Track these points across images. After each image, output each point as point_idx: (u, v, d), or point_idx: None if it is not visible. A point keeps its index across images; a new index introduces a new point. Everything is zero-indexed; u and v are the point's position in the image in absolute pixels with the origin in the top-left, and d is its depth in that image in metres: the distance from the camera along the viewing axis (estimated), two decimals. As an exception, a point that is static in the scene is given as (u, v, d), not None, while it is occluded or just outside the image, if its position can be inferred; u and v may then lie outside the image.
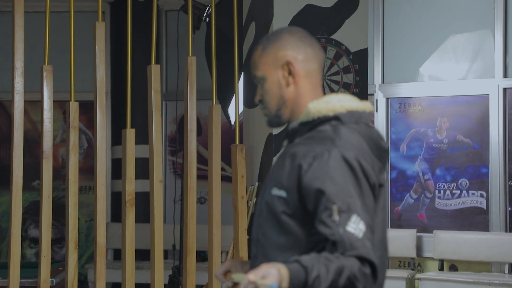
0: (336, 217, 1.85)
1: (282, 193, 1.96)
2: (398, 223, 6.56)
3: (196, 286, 4.20)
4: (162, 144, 7.06)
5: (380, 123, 6.63)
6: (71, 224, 3.83)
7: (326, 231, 1.85)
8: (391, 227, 6.55)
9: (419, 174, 6.56)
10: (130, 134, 4.01)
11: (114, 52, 6.85)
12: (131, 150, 4.00)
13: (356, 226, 1.84)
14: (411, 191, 6.57)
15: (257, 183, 4.34)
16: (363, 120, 2.05)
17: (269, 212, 1.99)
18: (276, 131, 4.30)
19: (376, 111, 6.68)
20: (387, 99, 6.68)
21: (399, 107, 6.67)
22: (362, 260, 1.83)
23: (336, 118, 2.02)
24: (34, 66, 4.53)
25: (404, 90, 6.63)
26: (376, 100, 6.65)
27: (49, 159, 3.83)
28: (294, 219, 1.94)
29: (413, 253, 6.34)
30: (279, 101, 2.07)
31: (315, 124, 2.03)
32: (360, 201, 1.88)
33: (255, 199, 4.30)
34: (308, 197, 1.91)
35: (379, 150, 2.04)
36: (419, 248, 6.41)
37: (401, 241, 6.35)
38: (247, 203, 4.30)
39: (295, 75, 2.07)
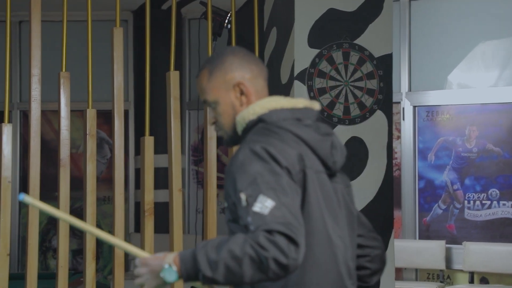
0: (244, 203, 1.90)
1: (225, 204, 2.04)
2: (426, 234, 6.41)
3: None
4: (186, 154, 7.01)
5: (407, 131, 6.50)
6: (89, 235, 3.76)
7: (241, 220, 1.90)
8: (419, 238, 6.40)
9: (447, 184, 6.40)
10: (148, 142, 3.94)
11: (138, 61, 6.81)
12: (150, 158, 3.92)
13: (261, 205, 1.87)
14: (440, 201, 6.42)
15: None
16: (297, 116, 2.09)
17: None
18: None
19: (403, 119, 6.55)
20: (414, 107, 6.54)
21: (426, 115, 6.53)
22: (270, 232, 1.83)
23: (260, 119, 2.07)
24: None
25: (432, 98, 6.50)
26: (403, 109, 6.53)
27: (66, 167, 3.77)
28: (236, 223, 1.99)
29: (442, 265, 6.18)
30: (234, 121, 2.12)
31: (245, 132, 2.09)
32: (266, 183, 1.90)
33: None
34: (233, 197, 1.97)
35: (318, 144, 2.06)
36: (448, 260, 6.25)
37: (429, 252, 6.20)
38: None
39: (247, 94, 2.12)
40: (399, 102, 6.49)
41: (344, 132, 4.08)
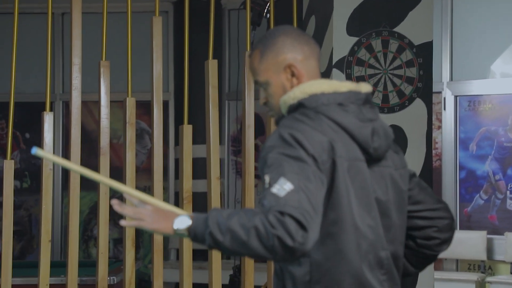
0: (266, 185, 1.90)
1: None
2: (468, 225, 6.34)
3: (255, 286, 4.12)
4: (225, 144, 7.03)
5: (448, 121, 6.43)
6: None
7: (261, 200, 1.90)
8: (459, 229, 6.34)
9: (489, 174, 6.32)
10: (187, 130, 3.96)
11: (178, 52, 6.85)
12: (188, 146, 3.95)
13: (280, 187, 1.87)
14: (481, 192, 6.34)
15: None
16: (339, 100, 2.06)
17: None
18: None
19: (444, 109, 6.47)
20: (456, 97, 6.47)
21: (468, 105, 6.45)
22: (282, 213, 1.83)
23: (300, 104, 2.06)
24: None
25: (474, 87, 6.41)
26: (444, 98, 6.46)
27: (106, 155, 3.81)
28: None
29: (483, 256, 6.11)
30: None
31: (289, 114, 2.09)
32: (290, 167, 1.89)
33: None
34: None
35: (358, 130, 2.04)
36: (489, 250, 6.17)
37: (470, 243, 6.13)
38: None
39: (299, 76, 2.11)
40: (440, 92, 6.41)
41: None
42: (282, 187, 1.87)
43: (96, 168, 3.84)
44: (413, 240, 2.22)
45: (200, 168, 5.08)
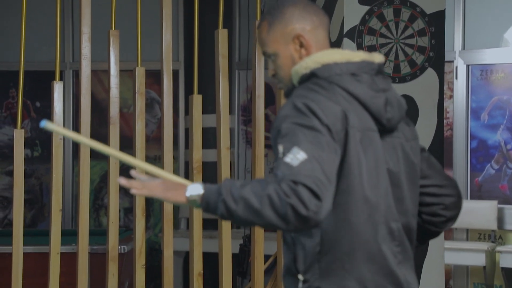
0: (280, 155, 1.90)
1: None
2: (478, 194, 6.33)
3: (265, 255, 4.13)
4: (235, 114, 7.02)
5: (459, 91, 6.39)
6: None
7: (275, 170, 1.90)
8: (470, 199, 6.33)
9: (501, 143, 6.29)
10: (197, 100, 3.95)
11: (188, 21, 6.81)
12: (198, 115, 3.94)
13: (293, 157, 1.86)
14: (492, 162, 6.31)
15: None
16: (352, 70, 2.04)
17: None
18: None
19: (456, 78, 6.43)
20: (468, 66, 6.41)
21: (480, 74, 6.40)
22: (295, 182, 1.82)
23: (313, 74, 2.04)
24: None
25: (487, 56, 6.35)
26: (456, 67, 6.40)
27: (116, 125, 3.81)
28: None
29: (494, 226, 6.11)
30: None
31: (300, 85, 2.07)
32: (304, 137, 1.88)
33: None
34: None
35: (371, 100, 2.03)
36: (500, 220, 6.16)
37: (481, 213, 6.12)
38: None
39: (307, 47, 2.09)
40: (452, 61, 6.36)
41: (394, 90, 4.03)
42: (296, 157, 1.86)
43: (106, 138, 3.84)
44: (419, 215, 2.20)
45: (210, 138, 5.07)
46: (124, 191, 6.31)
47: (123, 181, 1.96)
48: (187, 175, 6.83)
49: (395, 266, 2.03)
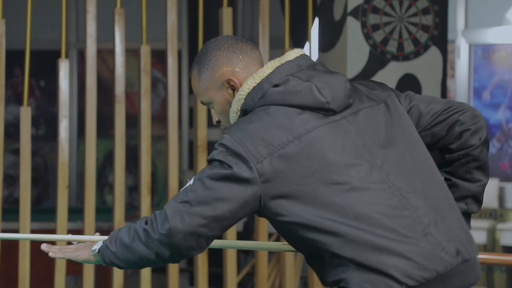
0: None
1: None
2: (480, 173, 6.36)
3: (269, 234, 4.18)
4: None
5: (461, 70, 6.40)
6: (144, 169, 3.85)
7: None
8: (472, 177, 6.36)
9: (502, 122, 6.32)
10: (201, 78, 3.97)
11: (192, 0, 6.81)
12: (203, 94, 3.96)
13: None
14: (494, 140, 6.35)
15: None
16: (271, 81, 1.97)
17: None
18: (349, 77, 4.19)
19: (458, 58, 6.44)
20: (470, 45, 6.43)
21: (482, 53, 6.41)
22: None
23: (244, 112, 2.01)
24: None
25: (489, 35, 6.36)
26: (458, 47, 6.42)
27: (122, 103, 3.84)
28: None
29: (495, 204, 6.15)
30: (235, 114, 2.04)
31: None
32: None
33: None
34: None
35: (296, 98, 1.95)
36: (501, 198, 6.20)
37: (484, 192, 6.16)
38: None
39: (239, 88, 2.02)
40: (453, 41, 6.37)
41: (397, 68, 4.05)
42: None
43: (110, 117, 3.86)
44: (450, 152, 2.08)
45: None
46: (129, 170, 6.36)
47: (44, 247, 2.16)
48: (191, 154, 6.88)
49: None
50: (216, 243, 2.10)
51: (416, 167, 2.00)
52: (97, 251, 2.04)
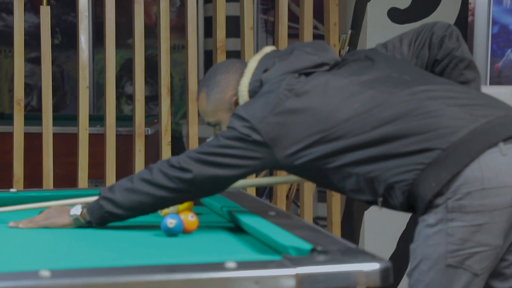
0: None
1: None
2: (498, 80, 6.33)
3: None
4: (254, 2, 6.96)
5: (482, -23, 6.28)
6: (164, 70, 3.84)
7: None
8: (490, 84, 6.34)
9: (523, 29, 6.25)
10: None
11: None
12: (221, -2, 3.90)
13: None
14: (515, 46, 6.29)
15: (350, 31, 4.20)
16: (263, 68, 2.11)
17: None
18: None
19: (479, -36, 6.31)
20: (491, -50, 6.29)
21: (503, -41, 6.28)
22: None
23: (244, 119, 2.06)
24: None
25: None
26: (479, -47, 6.28)
27: (141, 3, 3.81)
28: None
29: (512, 113, 6.15)
30: None
31: None
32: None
33: (348, 48, 4.17)
34: None
35: (295, 65, 2.08)
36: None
37: (500, 98, 6.13)
38: (339, 51, 4.19)
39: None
40: None
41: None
42: None
43: (127, 27, 3.83)
44: (438, 63, 2.21)
45: (236, 27, 5.05)
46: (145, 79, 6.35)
47: (11, 224, 2.12)
48: (207, 63, 6.85)
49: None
50: (238, 184, 2.16)
51: (420, 74, 2.13)
52: (80, 213, 2.07)
